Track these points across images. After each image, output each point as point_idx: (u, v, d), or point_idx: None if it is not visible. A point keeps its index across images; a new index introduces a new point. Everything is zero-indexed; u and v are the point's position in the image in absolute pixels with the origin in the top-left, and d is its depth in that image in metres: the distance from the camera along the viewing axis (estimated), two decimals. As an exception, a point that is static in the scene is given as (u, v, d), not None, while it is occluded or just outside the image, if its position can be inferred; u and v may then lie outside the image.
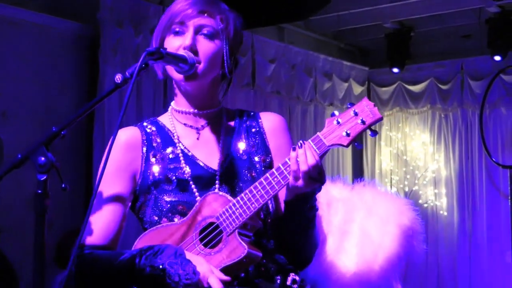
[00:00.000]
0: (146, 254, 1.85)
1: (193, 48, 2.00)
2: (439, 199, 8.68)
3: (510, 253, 7.54)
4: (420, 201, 8.74)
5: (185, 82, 2.02)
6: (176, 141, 2.07)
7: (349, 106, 1.91)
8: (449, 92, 8.59)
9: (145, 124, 2.14)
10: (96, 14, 6.01)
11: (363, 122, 1.87)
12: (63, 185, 1.59)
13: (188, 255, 1.84)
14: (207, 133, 2.10)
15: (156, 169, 2.03)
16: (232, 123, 2.14)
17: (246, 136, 2.12)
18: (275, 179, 1.87)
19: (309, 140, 1.90)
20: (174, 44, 2.03)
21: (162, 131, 2.10)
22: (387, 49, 8.53)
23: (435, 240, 8.53)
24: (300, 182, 1.88)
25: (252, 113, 2.19)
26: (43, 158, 1.59)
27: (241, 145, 2.10)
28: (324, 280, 2.06)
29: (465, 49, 8.44)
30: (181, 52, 1.98)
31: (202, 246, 1.91)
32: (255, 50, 7.55)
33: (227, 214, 1.88)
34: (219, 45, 2.03)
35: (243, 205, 1.87)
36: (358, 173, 9.18)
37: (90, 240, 1.99)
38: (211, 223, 1.92)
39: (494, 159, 8.03)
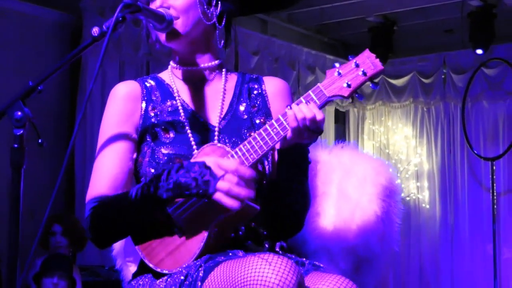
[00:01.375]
0: (153, 184, 1.82)
1: (165, 6, 2.00)
2: (422, 192, 8.72)
3: (491, 245, 7.58)
4: (402, 195, 8.75)
5: (168, 42, 2.01)
6: (175, 95, 2.06)
7: (350, 58, 1.90)
8: (431, 86, 8.63)
9: (145, 79, 2.14)
10: (78, 3, 6.00)
11: (364, 73, 1.91)
12: (39, 141, 1.59)
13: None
14: (207, 88, 2.08)
15: (154, 121, 2.02)
16: (233, 82, 2.13)
17: (248, 97, 2.11)
18: (274, 130, 1.86)
19: (310, 91, 1.90)
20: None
21: (162, 85, 2.09)
22: (370, 43, 8.54)
23: (417, 233, 8.57)
24: (299, 136, 1.88)
25: (255, 76, 2.18)
26: (19, 113, 1.60)
27: (242, 105, 2.09)
28: (303, 240, 2.06)
29: (448, 43, 8.48)
30: (160, 10, 1.98)
31: None
32: (238, 42, 7.54)
33: None
34: None
35: (241, 156, 1.85)
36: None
37: (99, 191, 1.96)
38: None
39: (476, 152, 8.08)
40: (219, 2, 2.04)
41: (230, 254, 1.81)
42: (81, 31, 6.00)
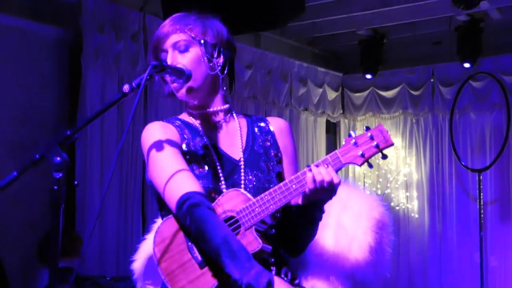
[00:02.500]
0: (237, 262, 1.99)
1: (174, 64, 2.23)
2: (411, 202, 8.92)
3: (478, 253, 7.78)
4: (392, 204, 8.97)
5: (183, 96, 2.25)
6: (202, 133, 2.29)
7: (365, 129, 2.11)
8: (420, 98, 8.84)
9: (171, 120, 2.34)
10: (77, 19, 6.15)
11: (377, 146, 2.11)
12: (75, 182, 1.76)
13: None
14: (224, 128, 2.33)
15: (188, 156, 2.23)
16: (244, 123, 2.39)
17: (260, 134, 2.36)
18: (293, 186, 2.09)
19: (328, 156, 2.13)
20: None
21: (188, 125, 2.31)
22: (360, 55, 8.75)
23: (406, 242, 8.77)
24: (315, 194, 2.12)
25: (260, 117, 2.45)
26: (58, 158, 1.77)
27: (257, 141, 2.34)
28: (306, 266, 2.28)
29: (436, 56, 8.70)
30: (180, 65, 2.18)
31: None
32: (232, 56, 7.72)
33: (246, 212, 2.10)
34: (195, 52, 2.26)
35: (262, 206, 2.08)
36: (332, 177, 9.37)
37: (193, 188, 2.11)
38: (232, 217, 2.13)
39: (463, 163, 8.28)
40: (221, 54, 2.23)
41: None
42: (80, 47, 6.15)
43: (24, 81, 5.94)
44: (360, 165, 2.10)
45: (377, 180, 9.18)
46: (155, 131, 2.23)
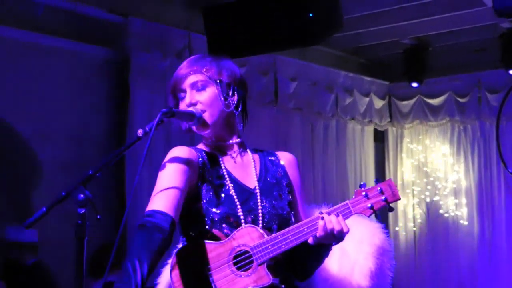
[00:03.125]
0: None
1: (193, 103, 2.42)
2: (460, 209, 8.93)
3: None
4: (441, 211, 9.01)
5: (199, 131, 2.42)
6: (221, 163, 2.46)
7: (375, 182, 2.28)
8: (466, 105, 8.86)
9: (196, 148, 2.52)
10: (124, 39, 6.37)
11: (385, 200, 2.31)
12: (98, 216, 1.94)
13: None
14: (240, 159, 2.50)
15: (207, 184, 2.40)
16: (257, 155, 2.56)
17: (271, 166, 2.53)
18: (305, 230, 2.27)
19: (340, 205, 2.31)
20: (183, 106, 2.45)
21: (208, 154, 2.48)
22: (405, 64, 8.81)
23: (455, 249, 8.79)
24: (325, 240, 2.28)
25: (269, 151, 2.61)
26: (82, 195, 1.96)
27: (269, 172, 2.51)
28: (311, 286, 2.44)
29: (481, 63, 8.69)
30: (191, 109, 2.36)
31: (235, 268, 2.28)
32: (277, 69, 7.89)
33: (260, 248, 2.26)
34: (211, 91, 2.43)
35: (275, 244, 2.25)
36: (380, 185, 9.44)
37: (160, 207, 2.26)
38: (246, 251, 2.29)
39: (510, 171, 8.26)
40: (235, 93, 2.40)
41: None
42: (127, 67, 6.37)
43: (75, 102, 6.19)
44: (369, 216, 2.25)
45: (425, 188, 9.21)
46: (176, 151, 2.39)
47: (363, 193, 2.29)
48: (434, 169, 9.19)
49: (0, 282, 4.99)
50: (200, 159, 2.44)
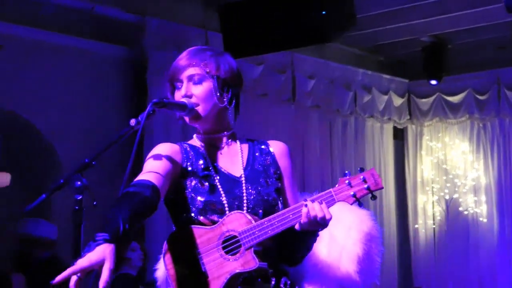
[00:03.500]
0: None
1: (188, 95, 2.49)
2: (479, 207, 8.92)
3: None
4: (460, 209, 9.00)
5: (191, 123, 2.50)
6: (205, 156, 2.54)
7: (359, 171, 2.36)
8: (486, 102, 8.85)
9: (181, 143, 2.62)
10: (141, 38, 6.46)
11: (368, 188, 2.34)
12: (94, 203, 2.02)
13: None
14: (227, 150, 2.58)
15: (191, 175, 2.49)
16: (246, 145, 2.63)
17: (260, 154, 2.60)
18: (291, 216, 2.34)
19: (323, 193, 2.36)
20: (178, 96, 2.53)
21: (194, 148, 2.57)
22: (424, 61, 8.81)
23: (475, 247, 8.78)
24: (308, 226, 2.35)
25: (261, 141, 2.67)
26: (79, 183, 2.04)
27: (257, 160, 2.58)
28: (302, 275, 2.50)
29: (501, 61, 8.68)
30: (183, 100, 2.42)
31: (223, 252, 2.37)
32: (294, 67, 7.94)
33: (247, 233, 2.34)
34: (207, 85, 2.50)
35: (262, 230, 2.33)
36: (400, 183, 9.48)
37: (144, 177, 2.34)
38: (234, 236, 2.37)
39: (529, 167, 8.24)
40: (230, 89, 2.51)
41: None
42: (144, 65, 6.46)
43: (93, 100, 6.30)
44: (351, 204, 2.31)
45: (445, 185, 9.21)
46: (159, 148, 2.50)
47: (346, 181, 2.35)
48: (453, 167, 9.18)
49: (19, 275, 5.10)
50: (184, 154, 2.52)
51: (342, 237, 2.55)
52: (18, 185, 6.54)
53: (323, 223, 2.31)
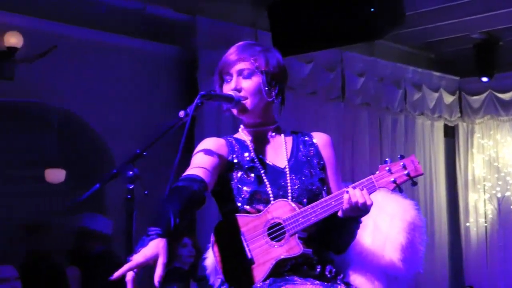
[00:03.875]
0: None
1: (238, 89, 2.58)
2: (531, 204, 8.82)
3: None
4: (512, 207, 8.92)
5: (239, 115, 2.59)
6: (250, 148, 2.63)
7: (399, 158, 2.39)
8: (538, 99, 8.75)
9: (226, 137, 2.72)
10: (191, 38, 6.57)
11: (408, 174, 2.38)
12: (145, 192, 2.11)
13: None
14: (271, 143, 2.67)
15: (237, 167, 2.58)
16: (290, 137, 2.71)
17: (304, 146, 2.68)
18: (333, 203, 2.41)
19: (364, 180, 2.42)
20: (227, 89, 2.61)
21: (239, 141, 2.67)
22: (475, 58, 8.75)
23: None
24: (350, 212, 2.41)
25: (304, 132, 2.75)
26: (131, 172, 2.14)
27: (300, 152, 2.66)
28: (347, 263, 2.56)
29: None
30: (230, 93, 2.50)
31: (269, 239, 2.45)
32: (344, 65, 7.96)
33: (291, 220, 2.42)
34: (256, 80, 2.58)
35: (305, 217, 2.40)
36: (451, 181, 9.42)
37: (192, 172, 2.44)
38: (279, 223, 2.45)
39: None
40: (278, 84, 2.58)
41: (288, 279, 2.40)
42: (195, 65, 6.56)
43: (144, 99, 6.43)
44: (392, 190, 2.35)
45: (496, 183, 9.12)
46: (205, 142, 2.60)
47: (387, 168, 2.39)
48: (505, 164, 9.09)
49: (74, 268, 5.25)
50: (230, 147, 2.62)
51: (386, 226, 2.59)
52: (72, 181, 6.74)
53: (364, 209, 2.37)
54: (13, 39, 5.73)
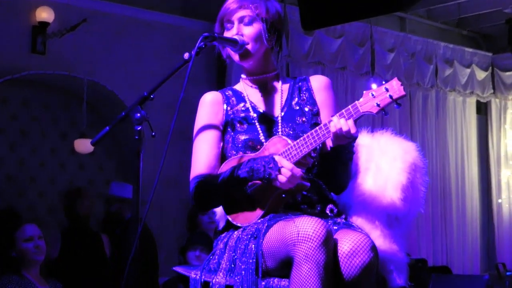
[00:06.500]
0: (237, 167, 2.50)
1: (239, 34, 2.65)
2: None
3: None
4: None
5: (241, 60, 2.66)
6: (246, 99, 2.74)
7: (384, 82, 2.40)
8: None
9: (224, 90, 2.83)
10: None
11: (390, 97, 2.41)
12: (153, 133, 2.20)
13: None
14: (269, 91, 2.76)
15: (232, 117, 2.69)
16: (287, 85, 2.78)
17: (298, 94, 2.75)
18: (321, 132, 2.47)
19: (350, 106, 2.46)
20: (228, 36, 2.68)
21: (236, 93, 2.77)
22: (508, 34, 8.68)
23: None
24: (337, 141, 2.49)
25: (303, 77, 2.82)
26: (138, 114, 2.23)
27: (294, 100, 2.73)
28: (349, 204, 2.63)
29: None
30: (235, 37, 2.59)
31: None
32: (374, 40, 7.98)
33: (286, 153, 2.49)
34: (257, 27, 2.65)
35: (298, 148, 2.47)
36: (483, 157, 9.38)
37: (199, 171, 2.63)
38: None
39: None
40: (276, 30, 2.68)
41: (289, 214, 2.46)
42: (227, 40, 6.64)
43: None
44: (376, 114, 2.39)
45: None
46: (203, 110, 2.74)
47: (370, 93, 2.43)
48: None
49: (104, 235, 5.38)
50: (226, 100, 2.73)
51: (387, 168, 2.62)
52: (103, 152, 6.90)
53: (349, 136, 2.43)
54: (45, 14, 5.88)
